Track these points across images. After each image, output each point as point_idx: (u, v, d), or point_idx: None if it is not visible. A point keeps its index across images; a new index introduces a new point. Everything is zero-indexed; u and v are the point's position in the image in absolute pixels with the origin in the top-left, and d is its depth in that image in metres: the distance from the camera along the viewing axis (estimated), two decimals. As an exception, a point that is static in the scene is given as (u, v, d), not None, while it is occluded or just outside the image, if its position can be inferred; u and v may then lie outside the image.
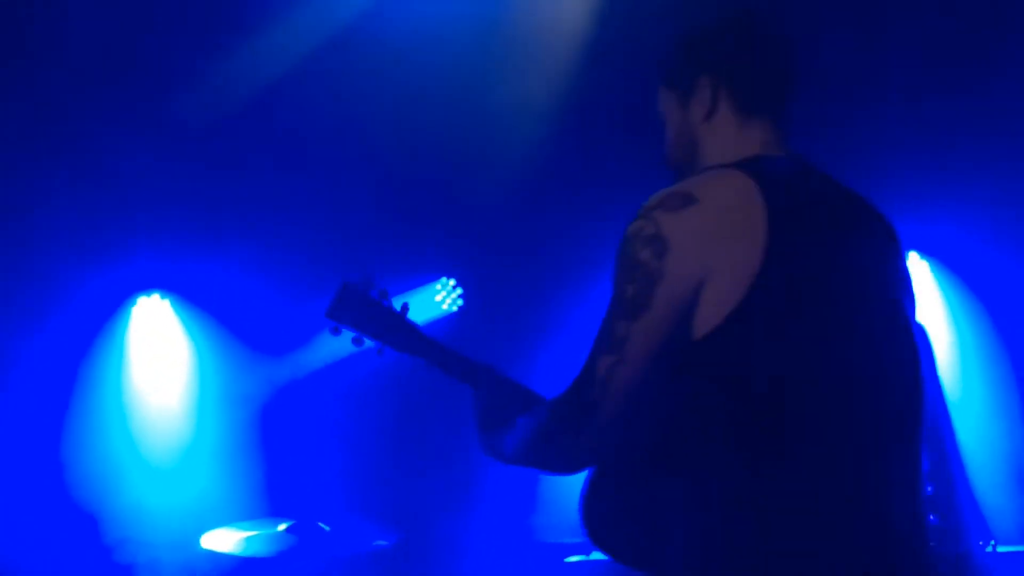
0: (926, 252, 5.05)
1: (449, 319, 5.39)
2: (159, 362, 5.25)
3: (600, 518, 1.69)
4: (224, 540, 3.52)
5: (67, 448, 4.93)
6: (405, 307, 2.12)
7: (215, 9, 4.26)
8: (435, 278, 5.45)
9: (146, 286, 5.24)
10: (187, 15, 4.33)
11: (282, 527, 3.54)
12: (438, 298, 5.44)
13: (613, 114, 4.63)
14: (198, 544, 3.57)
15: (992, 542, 3.80)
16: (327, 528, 3.52)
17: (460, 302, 5.46)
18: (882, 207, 1.78)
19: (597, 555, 3.20)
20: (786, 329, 1.50)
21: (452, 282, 5.47)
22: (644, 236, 1.53)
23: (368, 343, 2.09)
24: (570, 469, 1.68)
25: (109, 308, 5.20)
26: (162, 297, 5.27)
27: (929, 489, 3.44)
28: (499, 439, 1.86)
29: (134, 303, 5.25)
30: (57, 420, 4.96)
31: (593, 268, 5.26)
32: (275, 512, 3.97)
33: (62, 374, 5.00)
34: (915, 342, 1.63)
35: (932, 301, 5.02)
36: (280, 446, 4.75)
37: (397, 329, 2.09)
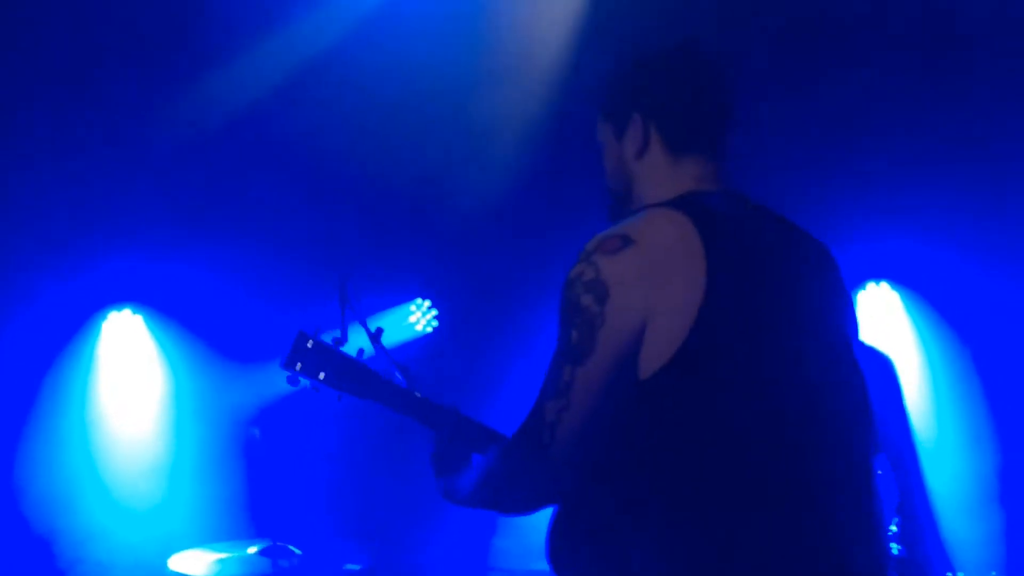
0: (897, 281, 5.10)
1: (423, 340, 5.37)
2: (130, 381, 5.11)
3: (563, 554, 1.72)
4: (193, 562, 3.46)
5: (24, 469, 4.79)
6: (362, 351, 2.13)
7: (197, 24, 4.25)
8: (410, 299, 5.43)
9: (117, 300, 5.10)
10: (166, 28, 4.30)
11: (253, 549, 3.49)
12: (412, 319, 5.42)
13: (593, 135, 4.66)
14: (165, 566, 3.51)
15: (960, 574, 3.83)
16: (298, 551, 3.48)
17: (435, 323, 5.44)
18: (853, 236, 1.78)
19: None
20: (732, 366, 1.52)
21: (427, 303, 5.45)
22: (584, 281, 1.55)
23: (327, 390, 2.10)
24: (523, 510, 1.71)
25: (76, 323, 5.04)
26: (134, 312, 5.12)
27: (895, 520, 3.46)
28: (455, 481, 1.89)
29: (104, 318, 5.11)
30: (14, 441, 4.80)
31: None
32: (248, 533, 3.91)
33: (22, 393, 4.84)
34: (860, 369, 1.66)
35: (902, 331, 5.07)
36: (255, 465, 4.68)
37: (354, 375, 2.10)
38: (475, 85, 4.51)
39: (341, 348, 2.12)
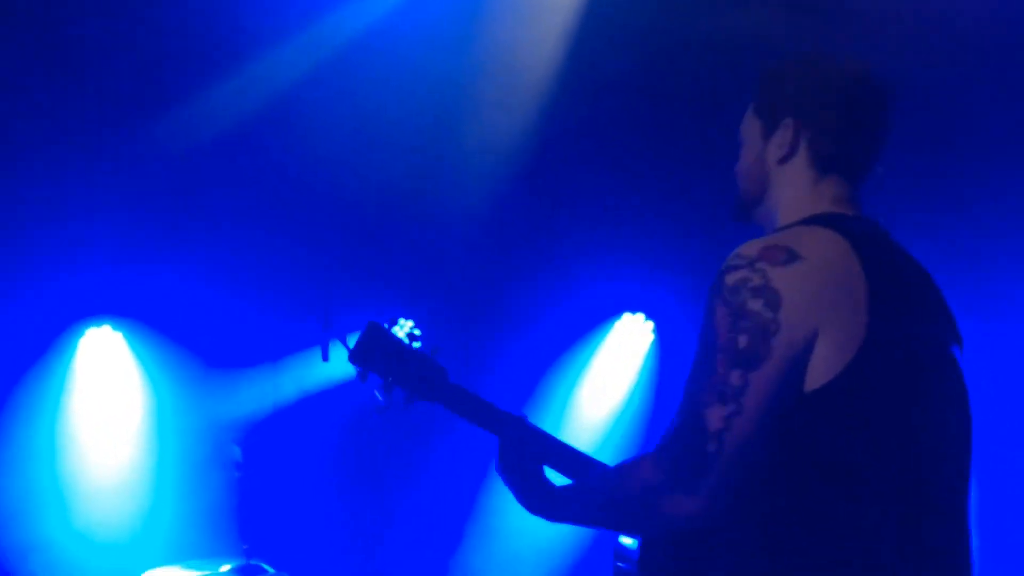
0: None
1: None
2: (108, 401, 4.91)
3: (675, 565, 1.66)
4: (164, 580, 3.40)
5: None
6: (436, 350, 2.00)
7: (183, 38, 4.24)
8: (392, 318, 5.40)
9: (94, 314, 4.88)
10: (148, 41, 4.28)
11: (226, 567, 3.44)
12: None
13: (578, 158, 4.68)
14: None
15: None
16: (272, 570, 3.44)
17: (417, 344, 5.40)
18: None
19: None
20: (888, 392, 1.53)
21: (410, 323, 5.42)
22: (752, 287, 1.51)
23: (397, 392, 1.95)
24: (674, 528, 1.57)
25: (49, 340, 4.82)
26: (114, 328, 4.94)
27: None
28: (561, 498, 1.77)
29: (81, 335, 4.91)
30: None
31: (555, 312, 5.29)
32: (223, 552, 3.85)
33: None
34: (970, 413, 1.66)
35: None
36: (235, 483, 4.63)
37: (427, 377, 1.96)
38: (461, 108, 4.52)
39: (414, 344, 1.98)
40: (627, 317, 5.37)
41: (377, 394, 2.67)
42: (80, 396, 4.94)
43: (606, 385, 5.26)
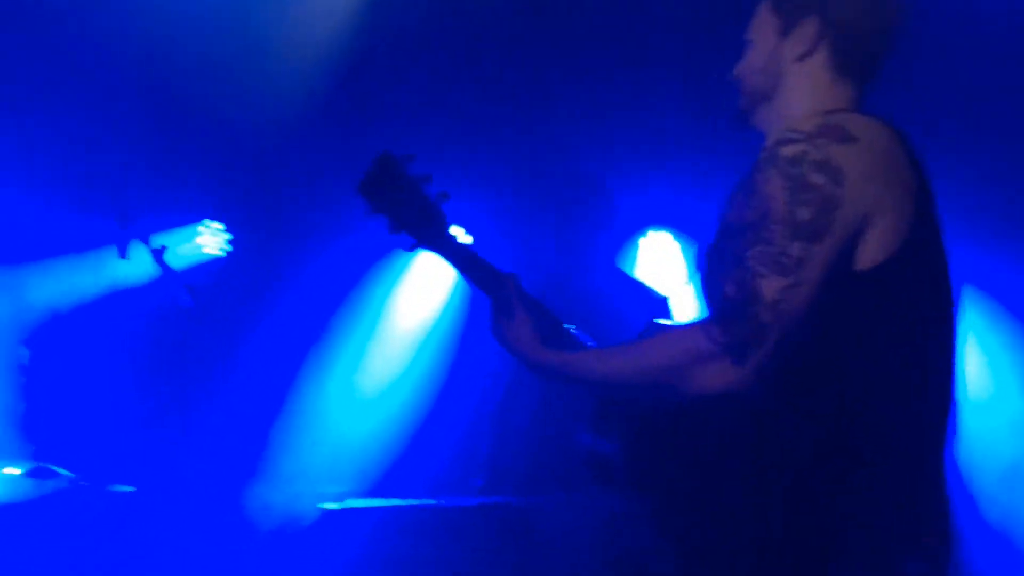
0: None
1: (214, 265, 5.17)
2: None
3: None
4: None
5: None
6: (443, 195, 1.90)
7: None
8: (198, 219, 5.19)
9: None
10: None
11: (15, 471, 3.31)
12: (200, 240, 5.19)
13: (393, 53, 4.60)
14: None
15: None
16: (66, 472, 3.33)
17: (228, 247, 5.24)
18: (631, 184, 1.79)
19: (352, 503, 3.22)
20: (927, 282, 1.60)
21: (220, 225, 5.23)
22: (812, 160, 1.53)
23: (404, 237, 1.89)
24: (709, 397, 1.55)
25: None
26: None
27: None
28: (579, 358, 1.74)
29: None
30: None
31: (367, 223, 5.21)
32: (13, 456, 3.68)
33: None
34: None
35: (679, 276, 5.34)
36: (23, 387, 4.38)
37: (432, 222, 1.88)
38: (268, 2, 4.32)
39: (425, 186, 1.88)
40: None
41: (186, 290, 2.55)
42: None
43: (420, 298, 5.31)
